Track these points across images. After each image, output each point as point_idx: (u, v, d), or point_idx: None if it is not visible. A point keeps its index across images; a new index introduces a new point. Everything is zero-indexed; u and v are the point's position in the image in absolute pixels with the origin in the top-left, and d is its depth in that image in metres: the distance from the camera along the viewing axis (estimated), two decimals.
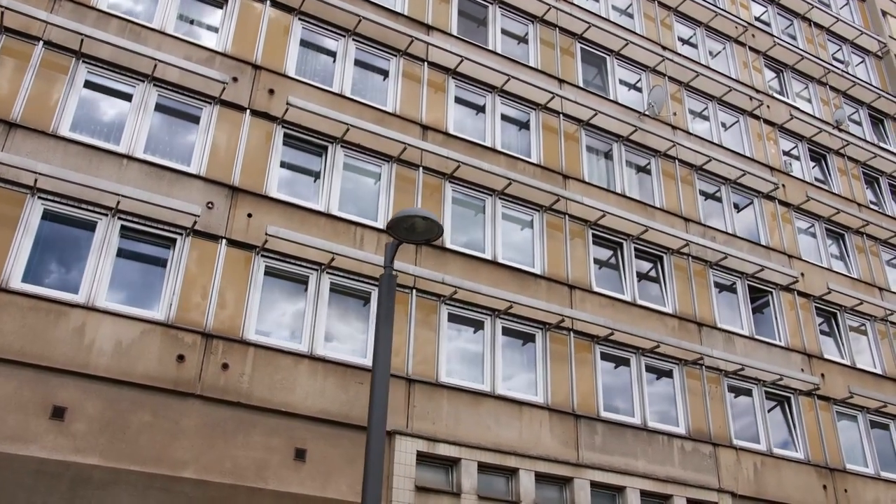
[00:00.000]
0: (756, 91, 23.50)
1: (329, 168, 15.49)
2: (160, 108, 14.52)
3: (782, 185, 21.91)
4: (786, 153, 23.24)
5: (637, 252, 18.41)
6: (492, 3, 20.01)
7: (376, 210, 15.56)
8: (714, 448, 16.59)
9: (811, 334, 19.80)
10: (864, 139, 25.26)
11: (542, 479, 14.48)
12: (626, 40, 21.02)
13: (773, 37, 24.95)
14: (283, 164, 15.21)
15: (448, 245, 15.87)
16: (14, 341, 11.53)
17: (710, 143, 21.40)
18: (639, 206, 18.92)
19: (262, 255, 14.00)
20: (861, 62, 28.15)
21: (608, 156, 19.52)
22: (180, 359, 12.48)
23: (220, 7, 16.14)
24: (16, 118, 12.96)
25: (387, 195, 15.77)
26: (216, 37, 15.74)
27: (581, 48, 20.87)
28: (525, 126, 18.66)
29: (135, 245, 13.27)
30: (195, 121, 14.69)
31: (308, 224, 14.59)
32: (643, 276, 18.31)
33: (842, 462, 18.13)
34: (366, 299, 14.67)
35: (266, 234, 13.65)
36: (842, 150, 24.25)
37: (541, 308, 15.61)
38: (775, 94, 24.12)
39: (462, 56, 17.71)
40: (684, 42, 23.47)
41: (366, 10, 17.25)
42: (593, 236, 17.92)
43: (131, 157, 13.62)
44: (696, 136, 21.23)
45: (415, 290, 14.93)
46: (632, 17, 22.73)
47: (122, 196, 12.78)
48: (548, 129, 18.70)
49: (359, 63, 17.17)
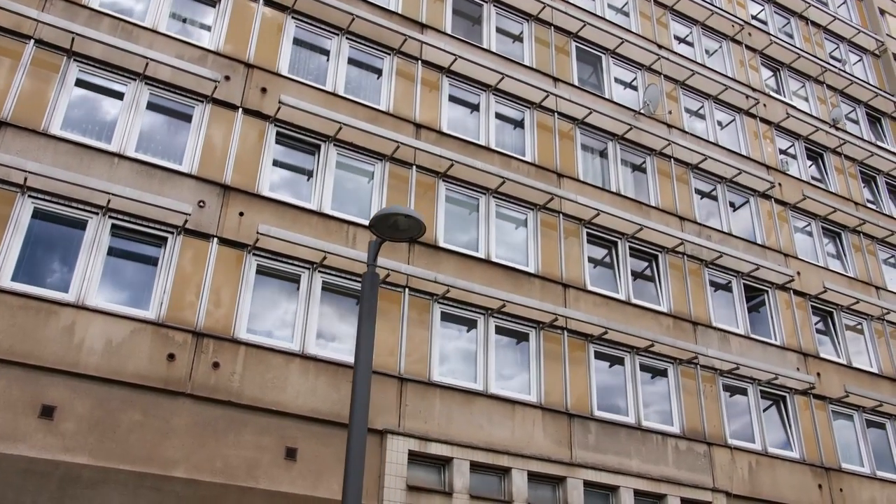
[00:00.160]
0: (752, 89, 23.44)
1: (322, 167, 15.46)
2: (152, 107, 14.49)
3: (778, 184, 21.86)
4: (782, 152, 23.19)
5: (632, 251, 18.36)
6: (486, 2, 19.96)
7: (369, 209, 15.52)
8: (708, 447, 16.54)
9: (807, 333, 19.75)
10: (861, 138, 25.20)
11: (534, 478, 14.44)
12: (622, 39, 20.97)
13: (770, 35, 24.89)
14: (276, 163, 15.18)
15: (441, 244, 15.83)
16: (3, 340, 11.50)
17: (705, 141, 21.35)
18: (634, 204, 18.88)
19: (254, 254, 13.96)
20: (859, 61, 28.08)
21: (603, 154, 19.47)
22: (171, 358, 12.45)
23: (213, 5, 16.11)
24: (6, 117, 12.93)
25: (380, 194, 15.74)
26: (209, 35, 15.71)
27: (576, 47, 20.83)
28: (520, 125, 18.62)
29: (126, 244, 13.24)
30: (187, 119, 14.66)
31: (300, 223, 14.56)
32: (638, 275, 18.27)
33: (837, 461, 18.08)
34: (358, 298, 14.59)
35: (257, 232, 13.62)
36: (839, 149, 24.19)
37: (534, 307, 15.57)
38: (772, 93, 24.07)
39: (456, 55, 17.67)
40: (680, 41, 23.42)
41: (359, 9, 17.21)
42: (588, 235, 17.88)
43: (122, 156, 13.58)
44: (691, 134, 21.18)
45: (408, 289, 14.89)
46: (627, 15, 22.68)
47: (113, 195, 12.75)
48: (542, 128, 18.65)
49: (352, 62, 17.13)
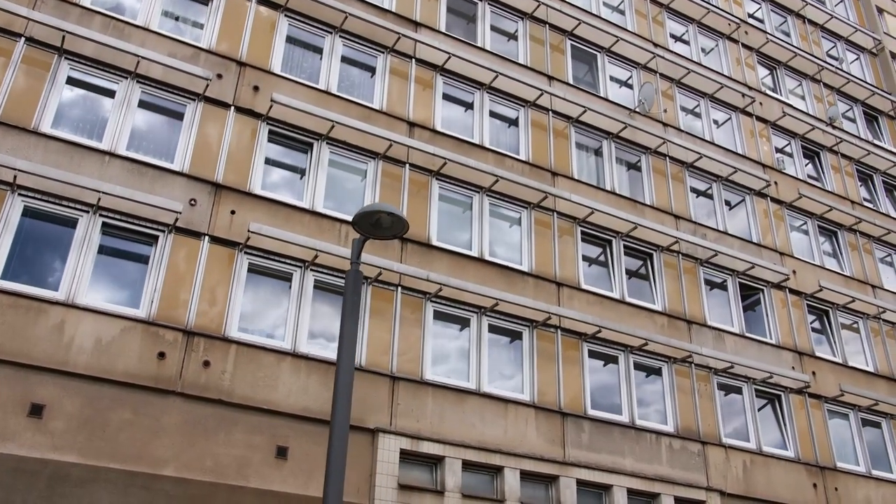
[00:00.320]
0: (749, 88, 23.40)
1: (314, 165, 15.42)
2: (144, 105, 14.46)
3: (774, 183, 21.81)
4: (779, 150, 23.13)
5: (626, 249, 18.32)
6: (481, 0, 19.92)
7: (362, 207, 15.46)
8: (703, 446, 16.50)
9: (803, 332, 19.70)
10: (858, 136, 25.14)
11: (527, 477, 14.40)
12: (617, 37, 20.92)
13: (767, 34, 24.84)
14: (268, 161, 15.15)
15: (434, 242, 15.80)
16: None
17: (701, 140, 21.31)
18: (628, 203, 18.83)
19: (246, 252, 13.93)
20: (856, 59, 28.03)
21: (598, 153, 19.43)
22: (161, 356, 12.42)
23: (206, 4, 16.07)
24: None
25: (373, 192, 15.70)
26: (201, 33, 15.67)
27: (571, 45, 20.78)
28: (514, 123, 18.58)
29: (116, 242, 13.21)
30: (179, 118, 14.62)
31: (292, 221, 14.52)
32: (633, 274, 18.23)
33: (832, 460, 18.04)
34: None
35: (249, 230, 13.59)
36: (835, 148, 24.14)
37: (528, 305, 15.53)
38: (768, 91, 24.02)
39: (450, 53, 17.63)
40: (677, 39, 23.37)
41: (353, 7, 17.17)
42: (582, 234, 17.84)
43: (113, 154, 13.56)
44: (687, 132, 21.13)
45: (400, 288, 14.85)
46: (623, 13, 22.64)
47: (103, 193, 12.72)
48: (537, 127, 18.61)
49: (346, 60, 17.10)
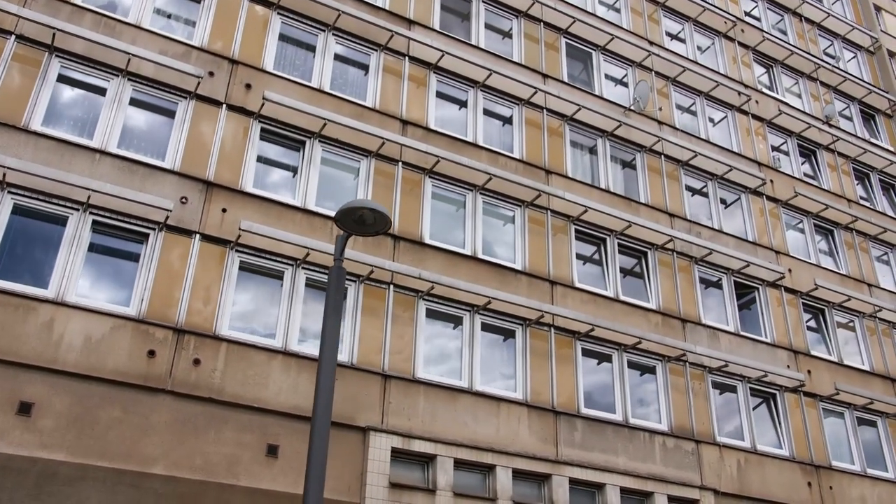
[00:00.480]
0: (745, 86, 23.35)
1: (307, 163, 15.39)
2: (135, 103, 14.43)
3: (770, 181, 21.76)
4: (775, 148, 23.08)
5: (621, 248, 18.28)
6: None
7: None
8: (697, 445, 16.45)
9: (798, 331, 19.65)
10: (854, 135, 25.09)
11: (519, 475, 14.36)
12: (612, 35, 20.87)
13: (763, 32, 24.78)
14: (260, 159, 15.12)
15: (427, 240, 15.76)
16: None
17: (696, 138, 21.26)
18: (623, 201, 18.79)
19: (237, 251, 13.90)
20: (853, 57, 27.97)
21: (593, 151, 19.39)
22: (151, 354, 12.39)
23: (198, 2, 16.03)
24: None
25: (365, 190, 15.67)
26: (193, 31, 15.64)
27: (566, 43, 20.74)
28: (508, 121, 18.54)
29: (107, 240, 13.18)
30: (171, 115, 14.59)
31: (284, 219, 14.49)
32: (627, 272, 18.18)
33: (827, 459, 17.99)
34: (343, 295, 14.52)
35: (240, 229, 13.56)
36: (832, 146, 24.09)
37: (521, 304, 15.49)
38: (764, 90, 23.97)
39: (443, 51, 17.59)
40: (673, 37, 23.32)
41: (346, 5, 17.12)
42: (576, 232, 17.80)
43: (104, 152, 13.53)
44: (682, 131, 21.08)
45: (392, 286, 14.82)
46: (619, 11, 22.59)
47: (93, 191, 12.69)
48: (531, 125, 18.57)
49: (339, 58, 17.07)
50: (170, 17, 15.63)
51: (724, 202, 20.92)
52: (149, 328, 12.57)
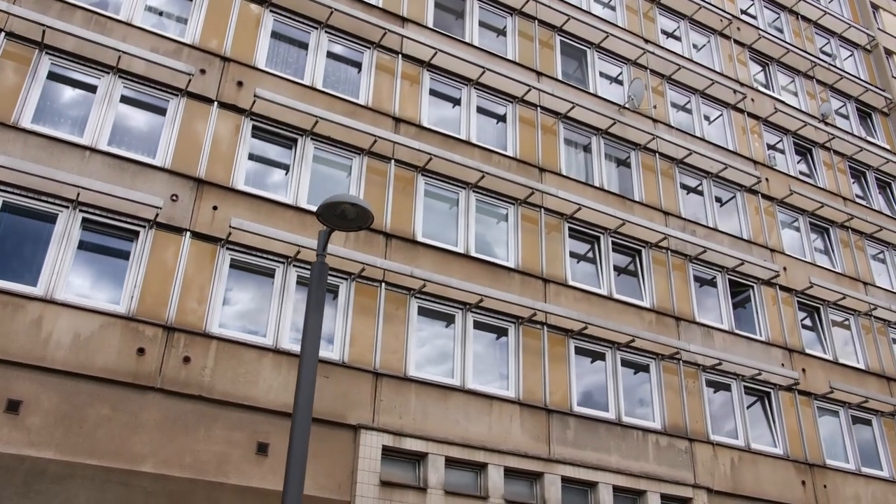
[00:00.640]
0: (740, 84, 23.30)
1: (298, 161, 15.35)
2: (126, 101, 14.39)
3: (765, 179, 21.71)
4: (770, 147, 23.03)
5: (615, 246, 18.23)
6: None
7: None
8: (690, 443, 16.41)
9: (793, 329, 19.61)
10: (850, 133, 25.04)
11: (511, 474, 14.33)
12: (607, 33, 20.82)
13: (759, 30, 24.74)
14: (252, 157, 15.07)
15: (420, 238, 15.72)
16: None
17: (692, 136, 21.20)
18: (617, 199, 18.75)
19: (228, 248, 13.86)
20: (850, 56, 27.91)
21: (587, 149, 19.34)
22: (140, 352, 12.35)
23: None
24: None
25: (357, 188, 15.63)
26: (185, 28, 15.59)
27: (561, 41, 20.70)
28: (502, 119, 18.50)
29: (97, 237, 13.14)
30: (161, 113, 14.56)
31: (275, 217, 14.45)
32: (621, 271, 18.14)
33: (822, 457, 17.94)
34: (334, 292, 14.52)
35: (230, 226, 13.51)
36: (827, 144, 24.04)
37: (513, 302, 15.44)
38: (760, 88, 23.92)
39: (437, 48, 17.55)
40: (668, 35, 23.27)
41: (339, 2, 17.06)
42: (570, 230, 17.75)
43: (94, 150, 13.49)
44: (677, 129, 21.04)
45: (384, 284, 14.78)
46: (614, 9, 22.54)
47: (83, 188, 12.65)
48: (525, 122, 18.53)
49: (331, 55, 17.02)
50: (161, 14, 15.59)
51: (719, 200, 20.88)
52: (138, 326, 12.53)
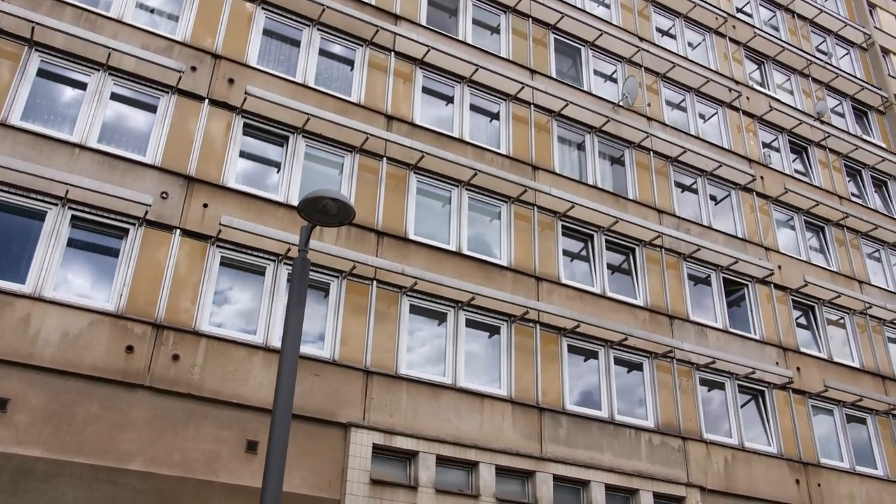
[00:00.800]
0: (735, 82, 23.25)
1: (290, 158, 15.31)
2: (116, 98, 14.34)
3: (760, 177, 21.67)
4: (766, 145, 22.99)
5: (608, 244, 18.19)
6: None
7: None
8: (683, 442, 16.36)
9: (787, 327, 19.56)
10: (846, 131, 24.99)
11: (503, 472, 14.28)
12: (602, 31, 20.78)
13: (754, 28, 24.69)
14: (243, 154, 15.03)
15: (411, 236, 15.67)
16: None
17: (686, 134, 21.15)
18: (611, 197, 18.70)
19: (218, 246, 13.81)
20: (846, 54, 27.87)
21: (581, 147, 19.30)
22: (129, 350, 12.30)
23: None
24: None
25: (349, 185, 15.58)
26: (176, 26, 15.55)
27: (555, 39, 20.65)
28: (495, 117, 18.45)
29: (86, 235, 13.09)
30: (152, 110, 14.51)
31: (266, 214, 14.41)
32: (615, 269, 18.09)
33: (816, 456, 17.90)
34: (325, 290, 14.48)
35: (220, 224, 13.47)
36: (823, 142, 23.99)
37: (505, 300, 15.40)
38: (755, 86, 23.87)
39: (430, 46, 17.50)
40: (663, 33, 23.22)
41: (332, 0, 17.01)
42: (563, 228, 17.71)
43: (84, 147, 13.44)
44: (672, 127, 20.99)
45: (375, 282, 14.73)
46: (608, 7, 22.49)
47: (72, 185, 12.60)
48: (518, 120, 18.48)
49: (323, 53, 16.98)
50: (153, 11, 15.54)
51: (713, 199, 20.83)
52: (127, 323, 12.48)
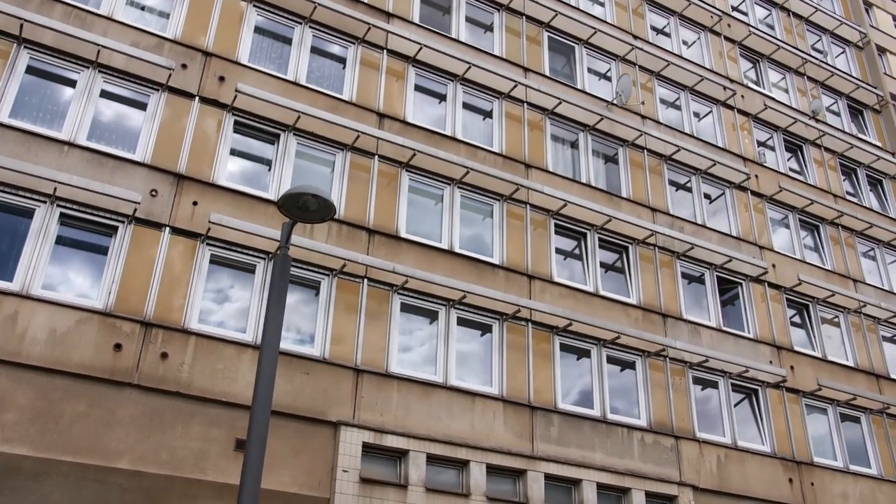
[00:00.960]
0: (730, 81, 23.21)
1: (281, 156, 15.26)
2: (106, 95, 14.29)
3: (755, 176, 21.62)
4: (760, 143, 22.95)
5: (602, 242, 18.14)
6: None
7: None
8: (676, 441, 16.32)
9: (781, 326, 19.51)
10: (841, 130, 24.95)
11: (494, 471, 14.23)
12: (595, 29, 20.73)
13: (749, 26, 24.65)
14: (234, 152, 14.98)
15: (403, 234, 15.62)
16: None
17: (680, 132, 21.11)
18: (604, 195, 18.65)
19: (208, 244, 13.76)
20: (841, 53, 27.82)
21: (574, 145, 19.25)
22: (117, 348, 12.25)
23: None
24: None
25: (340, 183, 15.53)
26: (166, 23, 15.49)
27: (549, 37, 20.60)
28: (488, 115, 18.40)
29: (75, 233, 13.04)
30: (142, 108, 14.46)
31: (256, 212, 14.36)
32: (609, 267, 18.05)
33: (809, 455, 17.85)
34: (315, 288, 14.43)
35: (209, 221, 13.42)
36: (818, 141, 23.95)
37: (497, 298, 15.35)
38: (750, 84, 23.82)
39: (422, 44, 17.45)
40: (658, 32, 23.18)
41: None
42: (556, 226, 17.66)
43: (73, 144, 13.39)
44: (666, 125, 20.95)
45: (366, 280, 14.68)
46: (603, 5, 22.44)
47: (60, 183, 12.55)
48: (511, 118, 18.43)
49: (315, 50, 16.92)
50: (143, 9, 15.49)
51: (708, 197, 20.79)
52: (116, 321, 12.43)
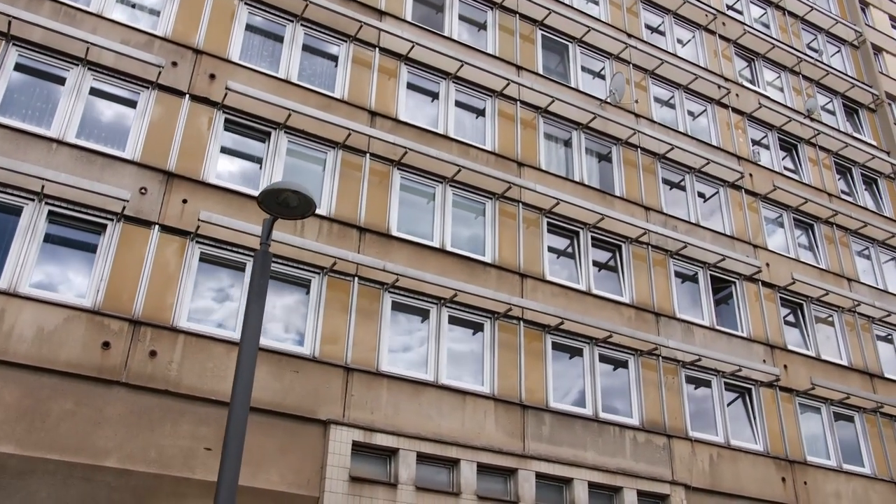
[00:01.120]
0: (725, 79, 23.17)
1: (272, 154, 15.21)
2: (95, 92, 14.24)
3: (749, 175, 21.58)
4: (755, 142, 22.91)
5: (595, 241, 18.10)
6: None
7: (320, 196, 15.27)
8: (668, 440, 16.28)
9: (775, 325, 19.48)
10: (836, 129, 24.92)
11: (485, 470, 14.19)
12: (589, 27, 20.69)
13: (744, 25, 24.61)
14: (224, 150, 14.93)
15: (394, 233, 15.58)
16: None
17: (674, 131, 21.07)
18: (597, 194, 18.61)
19: (198, 242, 13.71)
20: (837, 52, 27.79)
21: (567, 144, 19.21)
22: (106, 346, 12.20)
23: None
24: None
25: (332, 181, 15.48)
26: (157, 21, 15.45)
27: (542, 35, 20.55)
28: (481, 113, 18.36)
29: (63, 230, 12.99)
30: (132, 105, 14.41)
31: (246, 210, 14.31)
32: (602, 266, 18.01)
33: (802, 454, 17.82)
34: (306, 286, 14.38)
35: (199, 219, 13.37)
36: (813, 140, 23.91)
37: (488, 296, 15.31)
38: (745, 83, 23.79)
39: (415, 42, 17.40)
40: (652, 30, 23.13)
41: None
42: (549, 225, 17.62)
43: (62, 142, 13.33)
44: (659, 124, 20.90)
45: (357, 278, 14.64)
46: (597, 3, 22.40)
47: (48, 180, 12.50)
48: (504, 117, 18.39)
49: (307, 48, 16.88)
50: (134, 6, 15.44)
51: (701, 196, 20.75)
52: (104, 319, 12.38)
